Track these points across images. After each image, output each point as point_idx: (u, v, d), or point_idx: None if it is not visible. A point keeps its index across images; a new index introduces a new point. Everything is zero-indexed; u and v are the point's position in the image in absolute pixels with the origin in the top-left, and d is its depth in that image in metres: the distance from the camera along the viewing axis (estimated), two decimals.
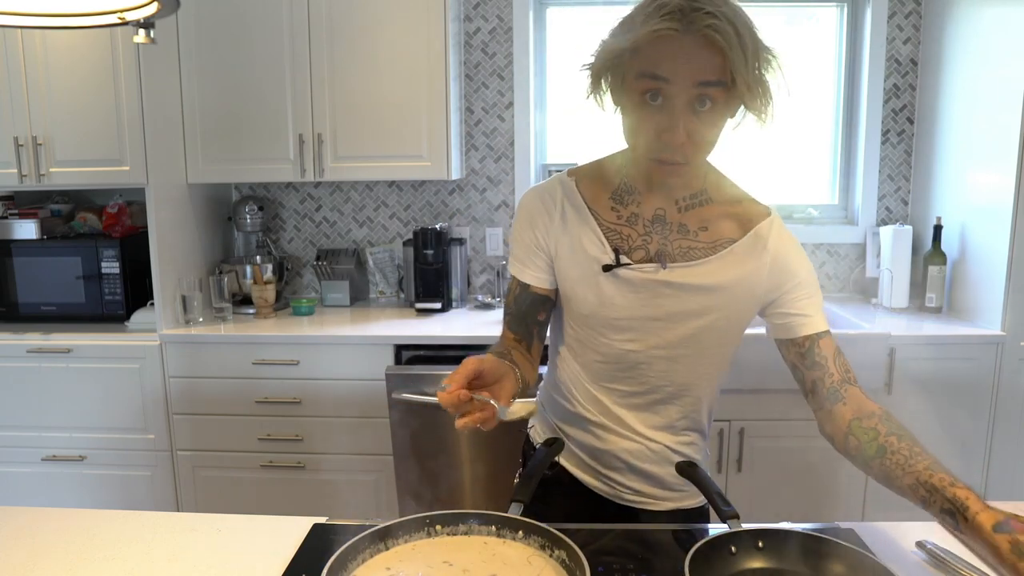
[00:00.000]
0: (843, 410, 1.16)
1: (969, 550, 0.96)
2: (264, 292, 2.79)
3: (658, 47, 1.00)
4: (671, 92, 1.02)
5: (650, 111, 1.04)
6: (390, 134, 2.67)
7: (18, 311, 2.74)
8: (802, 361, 1.19)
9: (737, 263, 1.17)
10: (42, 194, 2.94)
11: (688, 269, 1.16)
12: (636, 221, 1.17)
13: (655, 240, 1.17)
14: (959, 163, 2.70)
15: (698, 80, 1.01)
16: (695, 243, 1.17)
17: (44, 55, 2.49)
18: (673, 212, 1.17)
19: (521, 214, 1.24)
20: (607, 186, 1.20)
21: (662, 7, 0.99)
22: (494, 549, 1.07)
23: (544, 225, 1.21)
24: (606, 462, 1.28)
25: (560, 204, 1.20)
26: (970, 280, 2.63)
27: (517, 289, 1.25)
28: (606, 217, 1.18)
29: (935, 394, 2.44)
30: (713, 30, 0.98)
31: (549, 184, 1.24)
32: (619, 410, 1.25)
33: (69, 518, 1.27)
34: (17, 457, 2.67)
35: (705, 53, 1.00)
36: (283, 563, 1.12)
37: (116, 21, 1.05)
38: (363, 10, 2.60)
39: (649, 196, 1.17)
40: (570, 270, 1.20)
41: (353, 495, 2.59)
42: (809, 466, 2.45)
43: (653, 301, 1.16)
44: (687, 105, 1.03)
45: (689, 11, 0.98)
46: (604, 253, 1.17)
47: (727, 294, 1.17)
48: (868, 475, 1.13)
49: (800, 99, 3.09)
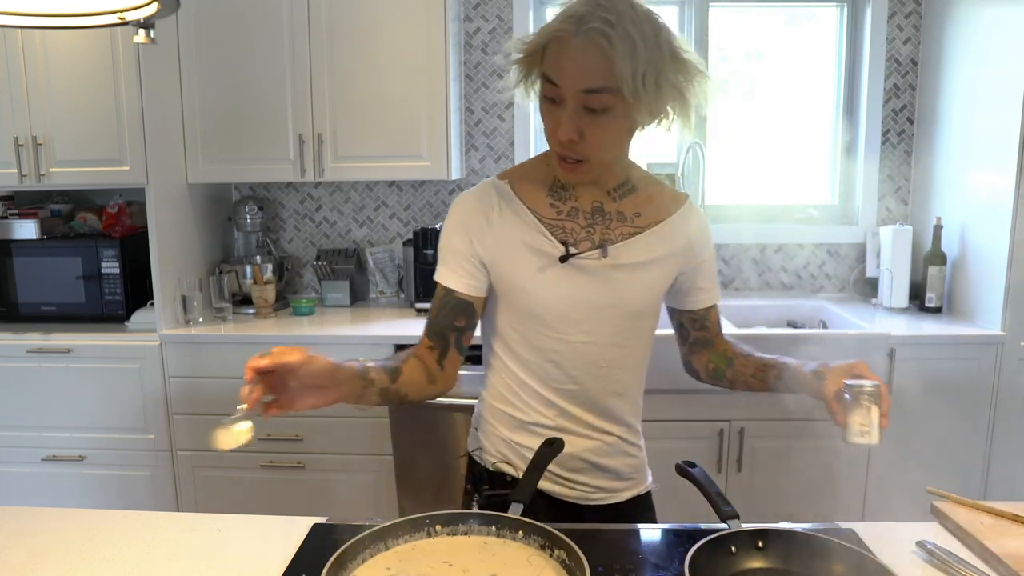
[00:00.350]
0: (708, 350, 1.35)
1: (797, 391, 1.17)
2: (264, 292, 2.79)
3: (554, 49, 1.05)
4: (562, 95, 1.06)
5: (549, 108, 1.09)
6: (390, 134, 2.67)
7: (18, 311, 2.74)
8: (693, 324, 1.33)
9: (668, 239, 1.24)
10: (42, 194, 2.94)
11: (628, 248, 1.21)
12: (576, 214, 1.20)
13: (598, 231, 1.20)
14: (959, 163, 2.70)
15: (583, 87, 1.04)
16: (633, 227, 1.22)
17: (44, 55, 2.49)
18: (609, 202, 1.22)
19: (452, 220, 1.22)
20: (542, 184, 1.22)
21: (567, 10, 1.03)
22: (494, 549, 1.07)
23: (479, 229, 1.20)
24: (569, 465, 1.27)
25: (497, 207, 1.20)
26: (970, 280, 2.63)
27: (442, 294, 1.22)
28: (546, 214, 1.20)
29: (935, 394, 2.44)
30: (600, 35, 1.00)
31: (482, 189, 1.23)
32: (575, 409, 1.25)
33: (69, 518, 1.27)
34: (17, 457, 2.67)
35: (591, 59, 1.02)
36: (283, 563, 1.12)
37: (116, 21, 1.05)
38: (363, 10, 2.60)
39: (584, 190, 1.21)
40: (516, 271, 1.19)
41: (353, 495, 2.59)
42: (809, 466, 2.44)
43: (605, 287, 1.20)
44: (577, 107, 1.06)
45: (586, 16, 1.01)
46: (553, 248, 1.18)
47: (663, 266, 1.24)
48: (732, 389, 1.32)
49: (800, 99, 3.09)
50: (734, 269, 3.07)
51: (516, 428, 1.27)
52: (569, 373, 1.23)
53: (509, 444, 1.29)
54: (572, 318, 1.20)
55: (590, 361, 1.23)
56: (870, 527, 1.22)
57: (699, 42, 3.00)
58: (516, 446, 1.28)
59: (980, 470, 2.50)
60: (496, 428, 1.30)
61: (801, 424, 2.45)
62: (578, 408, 1.25)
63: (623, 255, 1.20)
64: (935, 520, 1.26)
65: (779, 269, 3.07)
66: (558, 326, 1.20)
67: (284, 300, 2.99)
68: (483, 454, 1.33)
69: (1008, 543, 1.12)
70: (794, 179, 3.12)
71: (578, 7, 1.03)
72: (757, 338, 2.45)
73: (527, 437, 1.27)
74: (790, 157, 3.11)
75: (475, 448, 1.35)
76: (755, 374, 1.26)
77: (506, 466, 1.29)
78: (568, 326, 1.20)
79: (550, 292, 1.18)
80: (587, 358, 1.22)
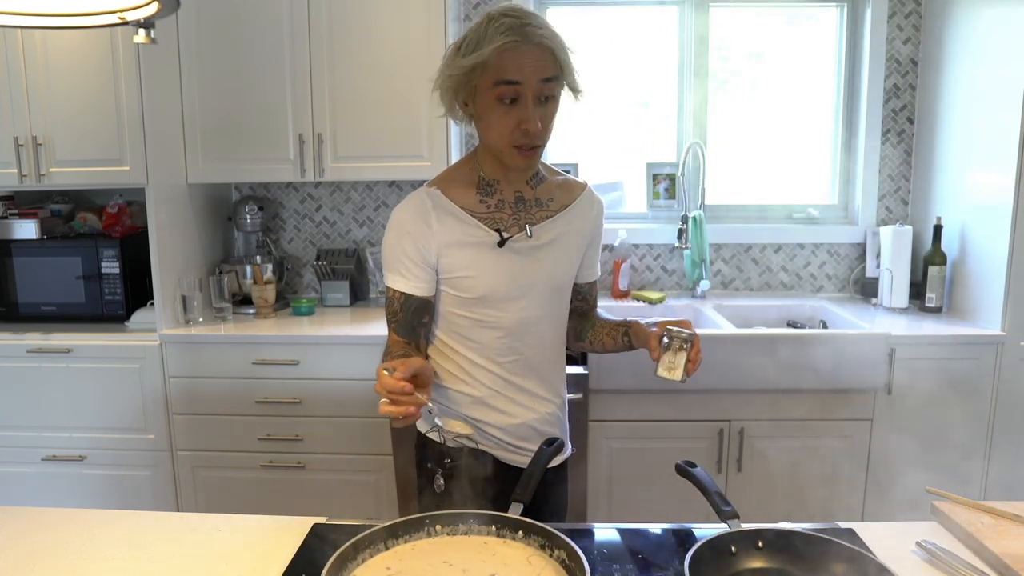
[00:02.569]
0: (581, 319, 1.58)
1: (638, 345, 1.42)
2: (264, 292, 2.79)
3: (506, 58, 1.25)
4: (522, 91, 1.26)
5: (505, 109, 1.28)
6: (390, 134, 2.67)
7: (18, 311, 2.74)
8: (577, 295, 1.54)
9: (576, 219, 1.46)
10: (42, 194, 2.94)
11: (547, 228, 1.41)
12: (504, 205, 1.40)
13: (523, 217, 1.40)
14: (959, 163, 2.70)
15: (541, 77, 1.27)
16: (548, 211, 1.43)
17: (44, 55, 2.49)
18: (528, 191, 1.43)
19: (395, 231, 1.38)
20: (469, 184, 1.40)
21: (500, 27, 1.24)
22: (494, 549, 1.08)
23: (423, 235, 1.35)
24: (519, 433, 1.44)
25: (433, 212, 1.36)
26: (970, 280, 2.63)
27: (401, 299, 1.38)
28: (478, 209, 1.38)
29: (935, 394, 2.44)
30: (545, 38, 1.26)
31: (416, 200, 1.38)
32: (519, 379, 1.43)
33: (69, 518, 1.27)
34: (17, 457, 2.67)
35: (543, 55, 1.27)
36: (283, 563, 1.12)
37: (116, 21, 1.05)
38: (363, 10, 2.60)
39: (506, 184, 1.41)
40: (461, 262, 1.36)
41: (353, 495, 2.59)
42: (809, 466, 2.45)
43: (535, 264, 1.39)
44: (536, 99, 1.28)
45: (522, 26, 1.25)
46: (489, 236, 1.37)
47: (574, 243, 1.46)
48: (592, 348, 1.56)
49: (800, 99, 3.09)
50: (734, 269, 3.07)
51: (471, 405, 1.43)
52: (511, 344, 1.41)
53: (467, 421, 1.43)
54: (512, 295, 1.38)
55: (528, 331, 1.42)
56: (870, 527, 1.22)
57: (699, 42, 3.01)
58: (474, 421, 1.43)
59: (980, 470, 2.50)
60: (453, 408, 1.44)
61: (801, 424, 2.45)
62: (521, 377, 1.43)
63: (544, 235, 1.41)
64: (935, 520, 1.26)
65: (779, 269, 3.07)
66: (501, 304, 1.38)
67: (284, 300, 2.99)
68: (441, 431, 1.43)
69: (1008, 543, 1.12)
70: (794, 179, 3.12)
71: (509, 22, 1.24)
72: (757, 338, 2.45)
73: (484, 412, 1.43)
74: (790, 157, 3.11)
75: (430, 428, 1.47)
76: (609, 333, 1.51)
77: (465, 440, 1.43)
78: (509, 303, 1.39)
79: (492, 275, 1.37)
80: (525, 327, 1.41)
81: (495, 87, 1.26)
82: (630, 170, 3.13)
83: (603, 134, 3.12)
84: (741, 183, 3.11)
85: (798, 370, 2.37)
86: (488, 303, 1.38)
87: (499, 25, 1.25)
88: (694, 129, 3.05)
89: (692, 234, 2.91)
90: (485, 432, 1.43)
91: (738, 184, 3.11)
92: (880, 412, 2.46)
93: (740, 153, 3.11)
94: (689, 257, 2.97)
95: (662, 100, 3.09)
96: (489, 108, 1.29)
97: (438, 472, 1.42)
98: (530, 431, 1.45)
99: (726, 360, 2.41)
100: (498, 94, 1.27)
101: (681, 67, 3.05)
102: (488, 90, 1.28)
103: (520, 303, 1.39)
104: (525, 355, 1.43)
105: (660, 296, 2.94)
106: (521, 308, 1.39)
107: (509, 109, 1.28)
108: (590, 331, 1.55)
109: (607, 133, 3.12)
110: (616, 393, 2.44)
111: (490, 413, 1.43)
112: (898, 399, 2.45)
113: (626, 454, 2.49)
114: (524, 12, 1.28)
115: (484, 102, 1.30)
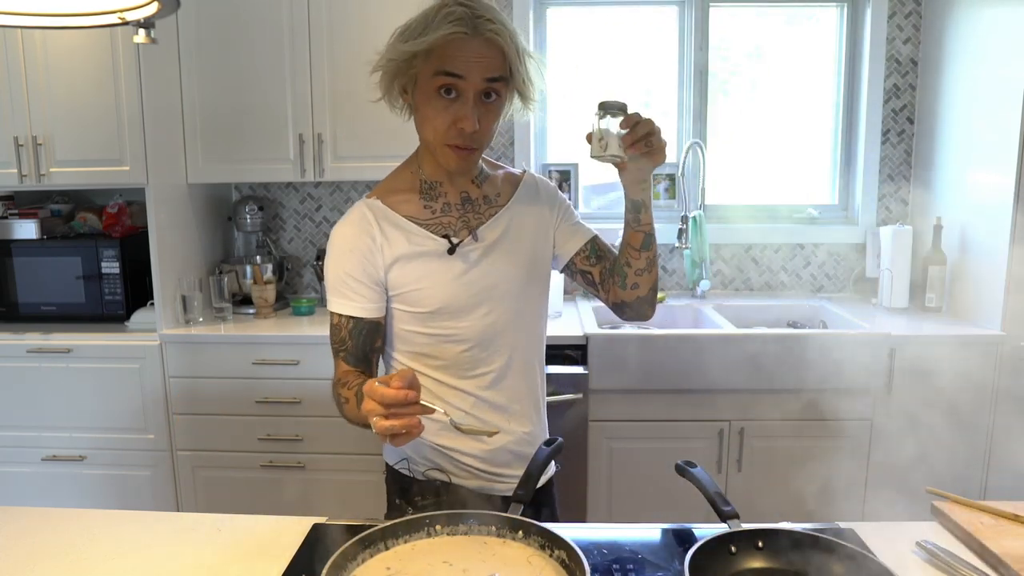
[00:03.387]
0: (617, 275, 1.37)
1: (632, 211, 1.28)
2: (264, 292, 2.79)
3: (450, 49, 1.16)
4: (463, 87, 1.18)
5: (444, 103, 1.19)
6: (390, 134, 2.66)
7: (18, 311, 2.74)
8: (588, 261, 1.39)
9: (526, 206, 1.36)
10: (42, 194, 2.94)
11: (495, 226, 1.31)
12: (450, 209, 1.30)
13: (471, 218, 1.31)
14: (959, 163, 2.70)
15: (486, 76, 1.18)
16: (496, 206, 1.34)
17: (44, 55, 2.49)
18: (475, 189, 1.33)
19: (339, 251, 1.27)
20: (411, 191, 1.31)
21: (449, 15, 1.15)
22: (494, 549, 1.08)
23: (368, 252, 1.25)
24: (497, 460, 1.34)
25: (376, 225, 1.26)
26: (970, 280, 2.63)
27: (349, 324, 1.26)
28: (423, 216, 1.29)
29: (935, 394, 2.44)
30: (495, 33, 1.17)
31: (356, 214, 1.29)
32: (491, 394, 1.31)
33: (69, 518, 1.27)
34: (17, 457, 2.67)
35: (490, 53, 1.18)
36: (283, 563, 1.12)
37: (116, 21, 1.05)
38: (363, 10, 2.60)
39: (450, 185, 1.32)
40: (412, 276, 1.26)
41: (353, 495, 2.59)
42: (809, 466, 2.45)
43: (490, 267, 1.29)
44: (477, 97, 1.19)
45: (473, 18, 1.16)
46: (437, 244, 1.27)
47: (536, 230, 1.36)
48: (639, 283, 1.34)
49: (800, 99, 3.09)
50: (734, 269, 3.07)
51: (440, 431, 1.30)
52: (478, 356, 1.30)
53: (437, 450, 1.32)
54: (470, 303, 1.28)
55: (496, 339, 1.31)
56: (870, 527, 1.22)
57: (699, 42, 3.01)
58: (445, 450, 1.32)
59: (980, 470, 2.51)
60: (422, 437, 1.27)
61: (801, 424, 2.45)
62: (494, 391, 1.32)
63: (491, 234, 1.30)
64: (935, 520, 1.26)
65: (779, 269, 3.07)
66: (459, 314, 1.28)
67: (284, 300, 2.99)
68: (410, 464, 1.35)
69: (1008, 543, 1.12)
70: (794, 179, 3.12)
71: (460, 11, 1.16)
72: (757, 338, 2.45)
73: (455, 439, 1.31)
74: (790, 157, 3.11)
75: (399, 460, 1.37)
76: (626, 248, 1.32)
77: (437, 472, 1.34)
78: (468, 312, 1.28)
79: (444, 284, 1.27)
80: (492, 336, 1.30)
81: (435, 77, 1.18)
82: None
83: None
84: (741, 183, 3.11)
85: (798, 370, 2.37)
86: (445, 315, 1.27)
87: (448, 13, 1.16)
88: (694, 129, 3.05)
89: (692, 234, 2.91)
90: (458, 461, 1.32)
91: (738, 184, 3.11)
92: (880, 412, 2.46)
93: (740, 153, 3.11)
94: (689, 257, 2.97)
95: (662, 100, 3.09)
96: (427, 100, 1.20)
97: (407, 511, 1.32)
98: (508, 455, 1.34)
99: (726, 360, 2.41)
100: (438, 84, 1.18)
101: (681, 67, 3.05)
102: (428, 80, 1.19)
103: (480, 310, 1.28)
104: (495, 367, 1.31)
105: (660, 296, 2.94)
106: (483, 315, 1.28)
107: (448, 104, 1.19)
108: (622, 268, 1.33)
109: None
110: (616, 393, 2.44)
111: (462, 439, 1.30)
112: (898, 399, 2.45)
113: (626, 454, 2.49)
114: (480, 4, 1.18)
115: (423, 93, 1.21)
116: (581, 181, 3.08)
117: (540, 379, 1.41)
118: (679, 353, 2.41)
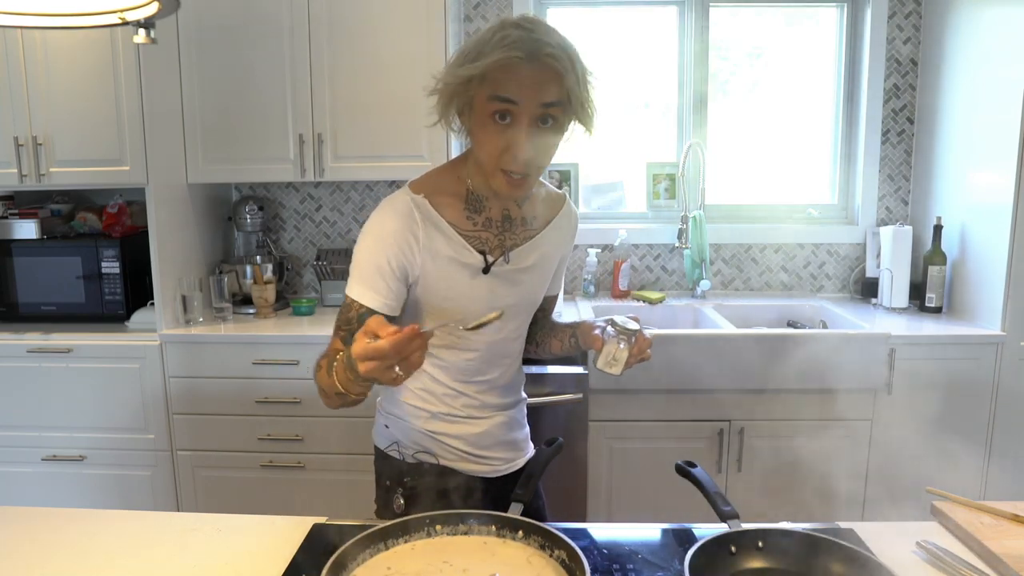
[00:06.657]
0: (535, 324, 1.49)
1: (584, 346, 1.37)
2: (264, 292, 2.79)
3: (506, 73, 1.14)
4: (518, 112, 1.16)
5: (499, 129, 1.18)
6: (390, 134, 2.67)
7: (18, 311, 2.74)
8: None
9: (555, 236, 1.40)
10: (42, 194, 2.94)
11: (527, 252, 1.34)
12: (490, 224, 1.31)
13: (507, 238, 1.32)
14: (959, 163, 2.70)
15: (542, 101, 1.16)
16: (531, 230, 1.36)
17: (44, 55, 2.49)
18: (515, 209, 1.34)
19: (378, 238, 1.24)
20: (457, 197, 1.30)
21: (504, 39, 1.14)
22: (494, 549, 1.08)
23: (408, 248, 1.24)
24: (482, 443, 1.40)
25: (420, 224, 1.25)
26: (970, 280, 2.63)
27: (361, 310, 1.23)
28: (465, 227, 1.29)
29: (935, 394, 2.44)
30: (553, 59, 1.14)
31: (402, 205, 1.26)
32: (484, 395, 1.38)
33: (69, 518, 1.27)
34: (17, 457, 2.67)
35: (547, 78, 1.15)
36: (283, 563, 1.12)
37: (116, 21, 1.05)
38: (363, 10, 2.60)
39: (494, 201, 1.31)
40: (444, 284, 1.27)
41: (353, 495, 2.59)
42: (809, 466, 2.45)
43: (514, 289, 1.33)
44: (532, 123, 1.17)
45: (531, 42, 1.13)
46: (474, 259, 1.28)
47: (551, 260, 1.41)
48: (535, 353, 1.52)
49: (800, 99, 3.09)
50: (734, 269, 3.07)
51: (431, 419, 1.37)
52: (480, 367, 1.36)
53: (426, 435, 1.38)
54: None
55: (501, 353, 1.38)
56: (870, 527, 1.22)
57: (699, 42, 3.01)
58: (434, 435, 1.37)
59: (980, 470, 2.51)
60: (411, 423, 1.38)
61: (801, 424, 2.45)
62: (487, 393, 1.39)
63: (523, 259, 1.33)
64: (935, 520, 1.26)
65: (779, 269, 3.07)
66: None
67: (284, 300, 2.99)
68: (400, 447, 1.39)
69: (1008, 543, 1.12)
70: (794, 179, 3.12)
71: (517, 35, 1.14)
72: (757, 338, 2.45)
73: (444, 425, 1.37)
74: (790, 157, 3.11)
75: (389, 444, 1.41)
76: (557, 335, 1.46)
77: (426, 455, 1.38)
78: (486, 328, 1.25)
79: (473, 301, 1.29)
80: (498, 350, 1.37)
81: (489, 102, 1.16)
82: (630, 170, 3.13)
83: (603, 134, 3.12)
84: (741, 183, 3.11)
85: (798, 370, 2.37)
86: None
87: (504, 37, 1.14)
88: (694, 129, 3.05)
89: (692, 234, 2.91)
90: (446, 445, 1.37)
91: (738, 184, 3.11)
92: (880, 412, 2.46)
93: (740, 153, 3.11)
94: (689, 257, 2.97)
95: (662, 100, 3.10)
96: (482, 124, 1.19)
97: (397, 492, 1.37)
98: (491, 439, 1.40)
99: (726, 360, 2.41)
100: (493, 109, 1.16)
101: (681, 67, 3.05)
102: (482, 104, 1.17)
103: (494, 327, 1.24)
104: (494, 375, 1.38)
105: (660, 296, 2.94)
106: (496, 331, 1.32)
107: (502, 129, 1.17)
108: (539, 333, 1.49)
109: (607, 133, 3.12)
110: (616, 393, 2.44)
111: (450, 426, 1.37)
112: (898, 399, 2.45)
113: (626, 454, 2.49)
114: (539, 26, 1.16)
115: (478, 117, 1.20)
116: (581, 181, 3.09)
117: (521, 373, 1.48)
118: (679, 353, 2.41)
